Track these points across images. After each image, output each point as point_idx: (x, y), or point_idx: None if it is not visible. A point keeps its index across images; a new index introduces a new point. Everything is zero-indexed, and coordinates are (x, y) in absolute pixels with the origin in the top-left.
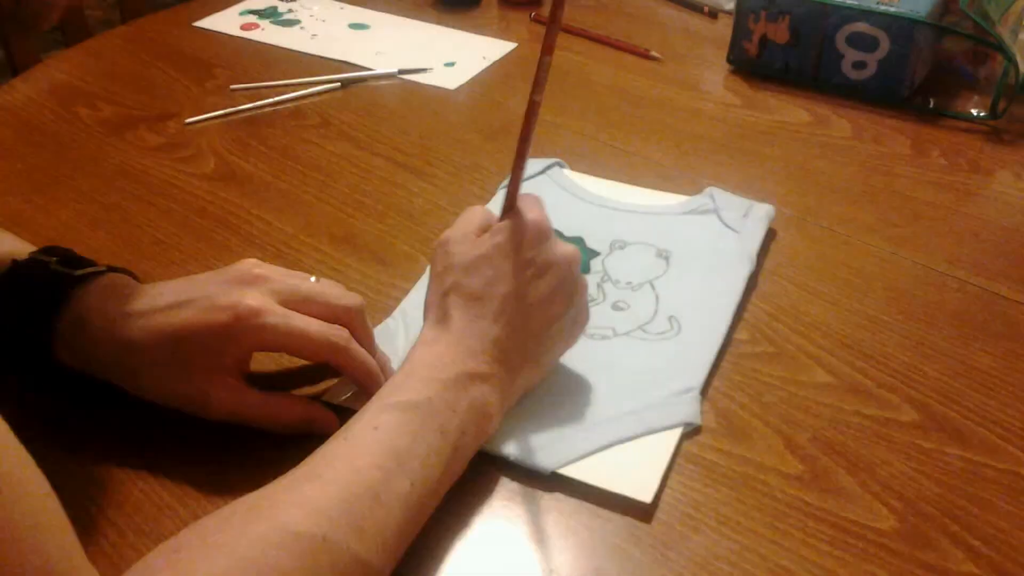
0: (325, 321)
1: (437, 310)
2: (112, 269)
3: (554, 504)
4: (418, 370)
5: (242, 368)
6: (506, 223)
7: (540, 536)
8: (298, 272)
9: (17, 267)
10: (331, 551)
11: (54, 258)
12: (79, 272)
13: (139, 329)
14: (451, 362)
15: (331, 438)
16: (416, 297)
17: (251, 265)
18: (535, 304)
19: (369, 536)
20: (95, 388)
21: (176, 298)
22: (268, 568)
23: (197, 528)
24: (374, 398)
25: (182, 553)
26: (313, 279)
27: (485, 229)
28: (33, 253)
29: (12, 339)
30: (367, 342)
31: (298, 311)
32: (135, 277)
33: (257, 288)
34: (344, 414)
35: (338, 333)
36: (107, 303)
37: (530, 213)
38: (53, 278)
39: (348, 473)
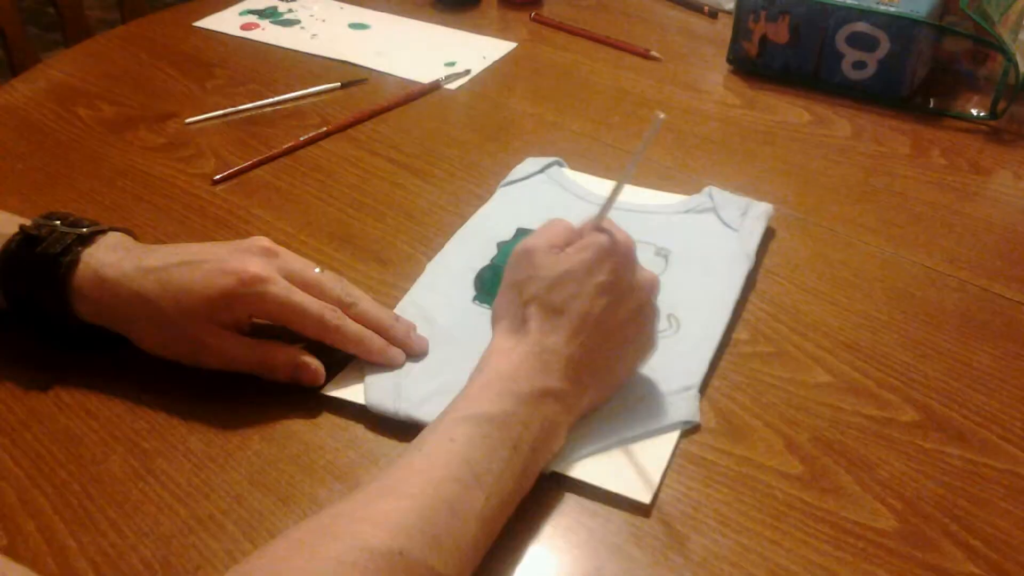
0: None
1: (514, 319)
2: (113, 229)
3: (554, 504)
4: (494, 382)
5: (239, 330)
6: (595, 241)
7: (540, 536)
8: (306, 260)
9: (26, 231)
10: (409, 566)
11: (57, 221)
12: (86, 231)
13: (152, 282)
14: (526, 376)
15: (406, 450)
16: (416, 295)
17: (263, 241)
18: (612, 326)
19: (446, 550)
20: (94, 390)
21: (189, 258)
22: None
23: (266, 553)
24: (448, 408)
25: None
26: (317, 270)
27: (568, 243)
28: (36, 219)
29: (30, 299)
30: (370, 322)
31: None
32: (134, 236)
33: (265, 260)
34: (344, 408)
35: (332, 312)
36: (121, 258)
37: (619, 234)
38: (63, 238)
39: (425, 486)
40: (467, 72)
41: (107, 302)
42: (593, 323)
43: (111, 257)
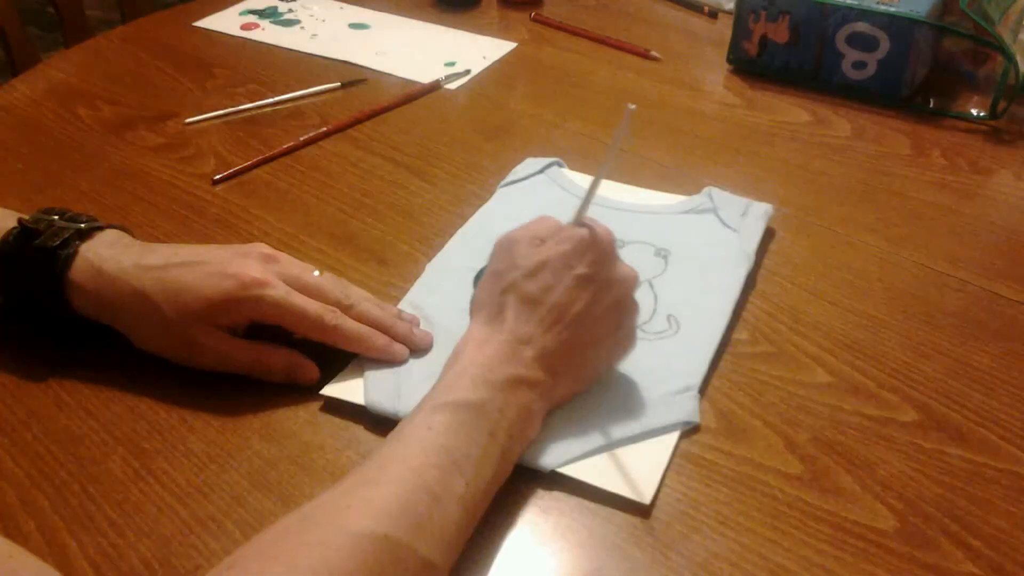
0: None
1: (491, 308)
2: (110, 226)
3: (554, 504)
4: (469, 370)
5: (236, 331)
6: (574, 234)
7: (540, 536)
8: (306, 264)
9: (24, 224)
10: (393, 550)
11: (56, 216)
12: (84, 226)
13: (151, 280)
14: (500, 364)
15: (385, 441)
16: (416, 295)
17: (263, 247)
18: (587, 319)
19: (429, 534)
20: (94, 390)
21: (189, 258)
22: (329, 573)
23: (252, 543)
24: (426, 398)
25: (236, 570)
26: (317, 273)
27: (552, 237)
28: (34, 214)
29: (27, 292)
30: (371, 321)
31: None
32: (132, 234)
33: (264, 265)
34: (344, 408)
35: (332, 312)
36: (119, 254)
37: (599, 228)
38: (61, 232)
39: (404, 473)
40: (467, 72)
41: (104, 297)
42: (569, 315)
43: (109, 253)
